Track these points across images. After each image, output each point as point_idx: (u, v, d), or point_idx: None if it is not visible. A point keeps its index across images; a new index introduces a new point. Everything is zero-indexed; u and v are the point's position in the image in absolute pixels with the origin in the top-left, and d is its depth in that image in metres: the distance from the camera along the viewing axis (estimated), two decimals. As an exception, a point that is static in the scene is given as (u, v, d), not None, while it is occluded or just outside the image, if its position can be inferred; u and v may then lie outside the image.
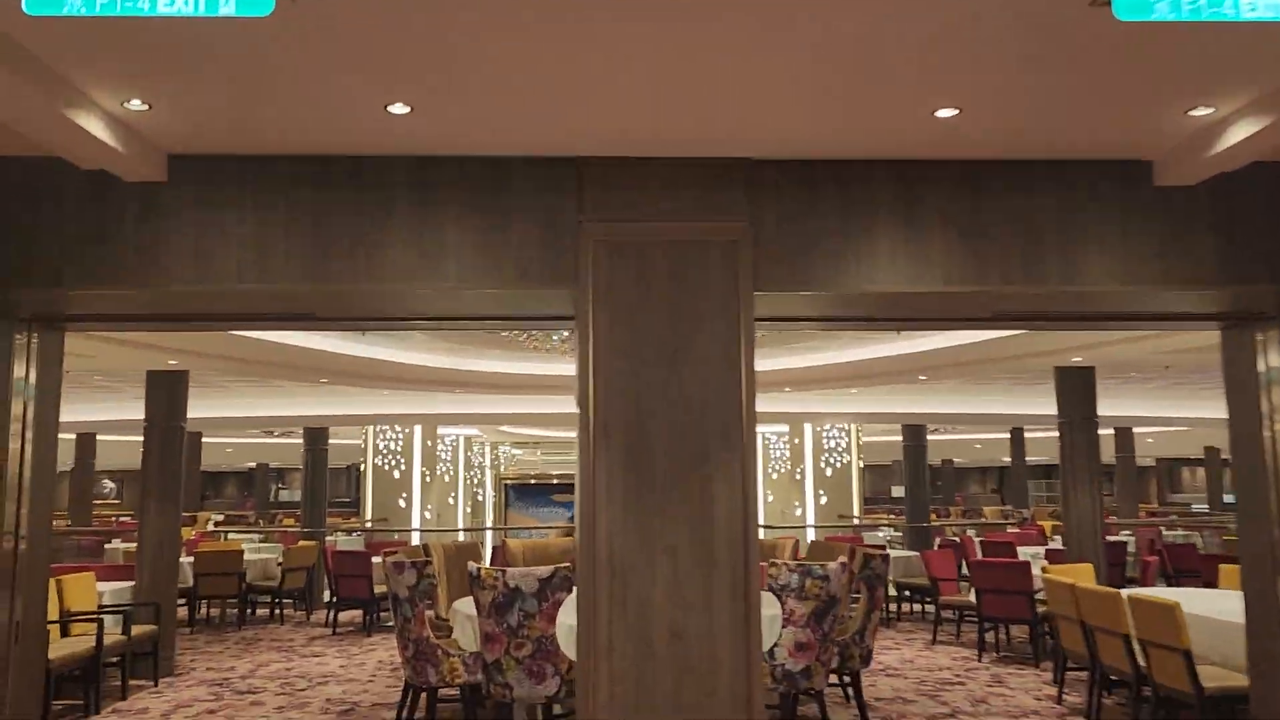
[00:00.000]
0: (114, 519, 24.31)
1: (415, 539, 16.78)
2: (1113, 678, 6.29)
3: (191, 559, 11.30)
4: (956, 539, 14.05)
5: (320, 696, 7.47)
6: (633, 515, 4.07)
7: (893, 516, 21.50)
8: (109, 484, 36.54)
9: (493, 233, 4.44)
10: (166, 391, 8.93)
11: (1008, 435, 22.51)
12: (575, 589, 4.41)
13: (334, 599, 11.10)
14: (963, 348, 9.75)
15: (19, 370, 4.64)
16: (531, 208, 4.45)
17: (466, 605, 6.37)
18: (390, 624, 11.28)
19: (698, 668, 3.95)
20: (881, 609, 7.30)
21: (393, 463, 17.92)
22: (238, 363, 9.26)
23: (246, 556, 12.08)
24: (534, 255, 4.41)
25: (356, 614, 11.91)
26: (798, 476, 18.28)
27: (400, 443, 17.95)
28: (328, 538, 14.77)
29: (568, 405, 15.61)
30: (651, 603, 3.99)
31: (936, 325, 8.18)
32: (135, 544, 8.85)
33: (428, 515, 18.24)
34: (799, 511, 18.10)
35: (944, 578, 10.06)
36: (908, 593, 11.52)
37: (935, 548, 12.82)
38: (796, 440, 18.43)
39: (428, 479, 18.20)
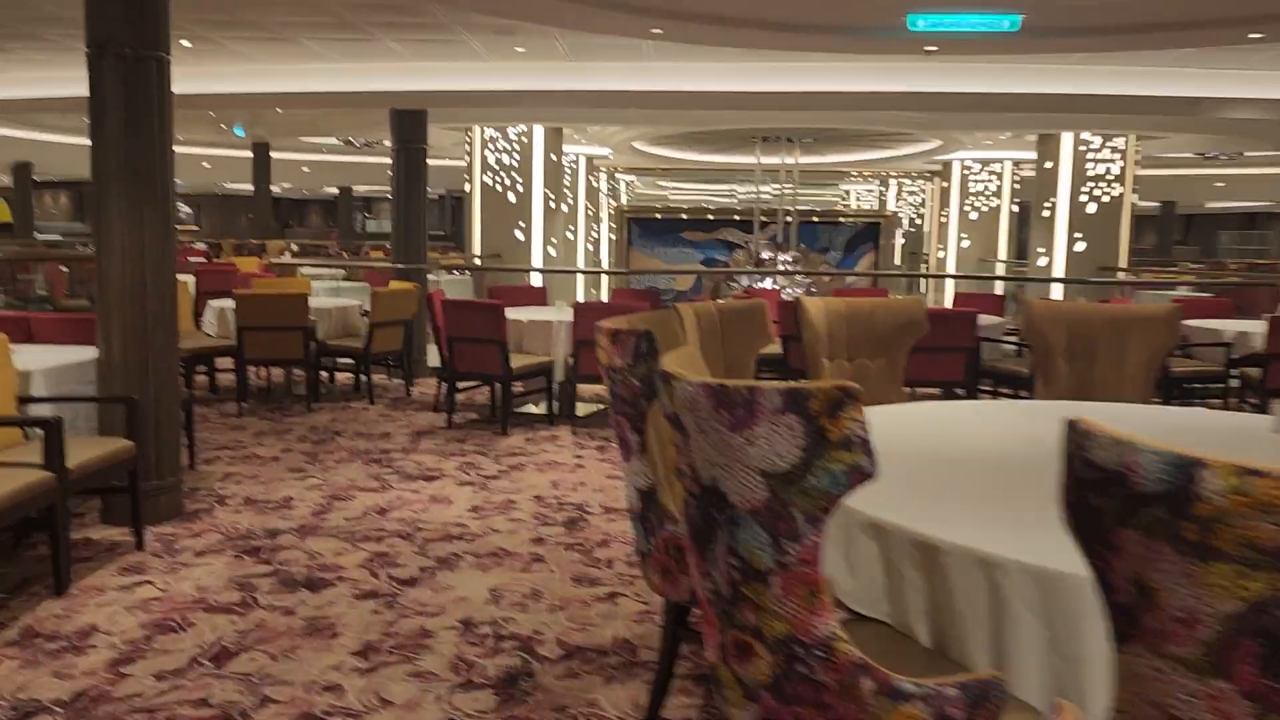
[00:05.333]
0: (181, 245, 20.71)
1: (537, 282, 12.79)
2: None
3: (232, 304, 7.43)
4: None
5: (447, 618, 3.55)
6: None
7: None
8: (184, 209, 32.08)
9: None
10: (124, -10, 4.55)
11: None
12: None
13: (447, 370, 7.13)
14: None
15: None
16: None
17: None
18: (532, 411, 7.33)
19: None
20: None
21: (507, 182, 13.65)
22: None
23: (317, 303, 8.17)
24: None
25: (481, 392, 8.00)
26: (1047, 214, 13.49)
27: (517, 157, 13.60)
28: (429, 277, 10.79)
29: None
30: None
31: None
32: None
33: (551, 252, 14.16)
34: (1042, 261, 13.49)
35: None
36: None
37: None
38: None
39: (552, 204, 13.94)
